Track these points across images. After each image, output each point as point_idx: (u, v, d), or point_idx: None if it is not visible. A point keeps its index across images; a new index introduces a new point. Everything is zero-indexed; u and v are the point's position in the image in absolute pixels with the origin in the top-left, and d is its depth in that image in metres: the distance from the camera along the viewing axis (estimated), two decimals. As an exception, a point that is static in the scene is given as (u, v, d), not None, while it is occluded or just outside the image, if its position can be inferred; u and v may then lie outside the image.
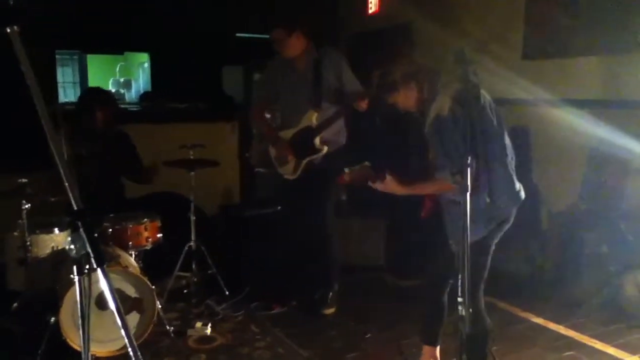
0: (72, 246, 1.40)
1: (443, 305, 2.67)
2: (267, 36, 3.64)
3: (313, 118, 3.57)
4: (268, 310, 3.74)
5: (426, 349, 2.82)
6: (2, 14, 1.41)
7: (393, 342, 3.31)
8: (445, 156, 2.31)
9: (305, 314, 3.73)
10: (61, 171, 1.36)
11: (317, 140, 3.59)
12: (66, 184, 1.37)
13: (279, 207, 4.39)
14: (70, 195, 1.35)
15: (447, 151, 2.30)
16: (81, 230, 1.35)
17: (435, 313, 2.72)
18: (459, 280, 2.04)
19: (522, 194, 2.52)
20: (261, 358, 3.15)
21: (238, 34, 6.19)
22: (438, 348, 2.80)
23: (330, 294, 3.79)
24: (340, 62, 3.62)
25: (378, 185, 2.50)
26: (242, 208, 5.34)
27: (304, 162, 3.62)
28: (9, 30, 1.41)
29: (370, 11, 5.80)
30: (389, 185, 2.47)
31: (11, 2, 1.43)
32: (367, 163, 2.52)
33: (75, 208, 1.37)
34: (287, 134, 3.68)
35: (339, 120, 3.68)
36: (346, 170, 2.53)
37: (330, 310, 3.76)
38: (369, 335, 3.42)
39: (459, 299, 2.05)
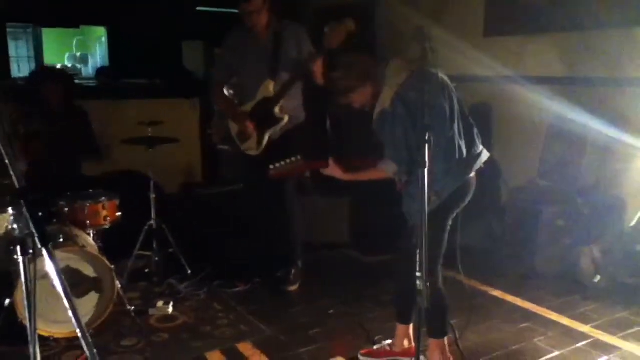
0: (15, 225, 1.35)
1: (411, 282, 2.69)
2: (226, 9, 3.56)
3: (270, 87, 3.53)
4: (231, 288, 3.72)
5: (399, 327, 2.83)
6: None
7: (356, 317, 3.34)
8: (389, 147, 2.47)
9: (269, 292, 3.73)
10: (3, 149, 1.31)
11: (276, 109, 3.55)
12: (6, 161, 1.32)
13: (242, 185, 4.35)
14: (12, 173, 1.30)
15: (391, 142, 2.44)
16: (24, 209, 1.30)
17: (404, 290, 2.72)
18: (417, 255, 2.06)
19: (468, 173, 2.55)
20: (224, 335, 3.15)
21: (198, 8, 6.04)
22: (411, 326, 2.80)
23: (294, 271, 3.79)
24: (300, 33, 3.58)
25: (323, 172, 2.67)
26: (205, 186, 5.29)
27: (267, 135, 3.58)
28: None
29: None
30: (332, 170, 2.65)
31: None
32: (298, 157, 2.65)
33: (17, 186, 1.32)
34: (247, 107, 3.63)
35: (297, 91, 3.64)
36: (271, 166, 2.66)
37: (294, 287, 3.77)
38: (332, 311, 3.44)
39: (417, 274, 2.07)
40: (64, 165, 4.05)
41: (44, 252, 1.35)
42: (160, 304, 3.39)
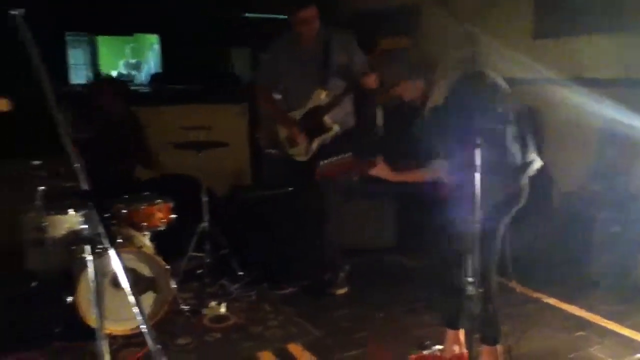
0: (85, 226, 1.42)
1: (460, 287, 2.67)
2: (273, 16, 3.63)
3: (322, 96, 3.57)
4: (279, 290, 3.78)
5: (449, 332, 2.80)
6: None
7: (405, 322, 3.34)
8: (439, 146, 2.41)
9: (316, 295, 3.77)
10: (70, 153, 1.38)
11: (326, 119, 3.59)
12: (75, 166, 1.39)
13: (290, 189, 4.40)
14: (80, 176, 1.37)
15: (442, 141, 2.39)
16: (93, 210, 1.37)
17: (451, 295, 2.68)
18: (469, 261, 2.06)
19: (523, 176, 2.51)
20: (274, 336, 3.20)
21: (246, 15, 6.15)
22: (462, 331, 2.75)
23: (340, 274, 3.81)
24: (350, 41, 3.61)
25: (371, 172, 2.59)
26: (253, 189, 5.37)
27: (315, 143, 3.63)
28: (13, 13, 1.42)
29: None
30: (381, 171, 2.58)
31: None
32: (348, 154, 2.57)
33: (85, 189, 1.39)
34: (297, 114, 3.68)
35: (348, 100, 3.67)
36: (321, 162, 2.59)
37: (341, 291, 3.79)
38: (380, 315, 3.45)
39: (469, 279, 2.07)
40: (118, 169, 4.19)
41: (111, 251, 1.42)
42: (212, 304, 3.47)
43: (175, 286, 3.32)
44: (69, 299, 3.02)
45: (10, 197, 3.61)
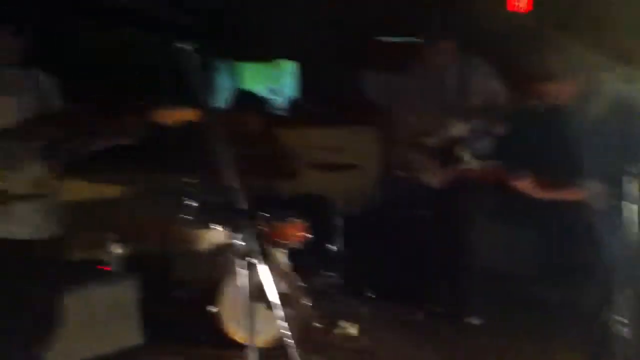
0: (239, 242, 1.49)
1: (608, 325, 2.45)
2: (403, 38, 3.62)
3: (460, 128, 3.50)
4: (412, 315, 3.73)
5: None
6: (177, 30, 1.58)
7: (545, 357, 3.14)
8: (592, 161, 2.15)
9: (450, 322, 3.67)
10: (226, 173, 1.47)
11: (465, 153, 3.50)
12: (233, 186, 1.48)
13: (421, 211, 4.35)
14: (237, 196, 1.45)
15: (595, 155, 2.13)
16: (247, 228, 1.45)
17: (598, 334, 2.47)
18: (618, 297, 1.89)
19: None
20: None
21: (377, 37, 6.23)
22: None
23: (476, 302, 3.69)
24: (484, 67, 3.51)
25: (517, 185, 2.37)
26: (383, 211, 5.37)
27: (448, 168, 3.56)
28: (183, 47, 1.56)
29: (516, 6, 5.33)
30: (529, 186, 2.34)
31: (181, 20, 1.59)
32: (498, 162, 2.42)
33: (242, 208, 1.47)
34: (428, 140, 3.63)
35: (484, 129, 3.57)
36: (466, 162, 2.42)
37: (477, 320, 3.66)
38: (517, 348, 3.27)
39: (620, 319, 1.89)
40: (260, 187, 4.41)
41: (261, 265, 1.47)
42: (344, 324, 3.51)
43: (309, 304, 3.40)
44: (213, 310, 3.21)
45: (164, 209, 3.93)
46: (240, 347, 3.14)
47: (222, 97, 8.04)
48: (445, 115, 3.54)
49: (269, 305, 3.19)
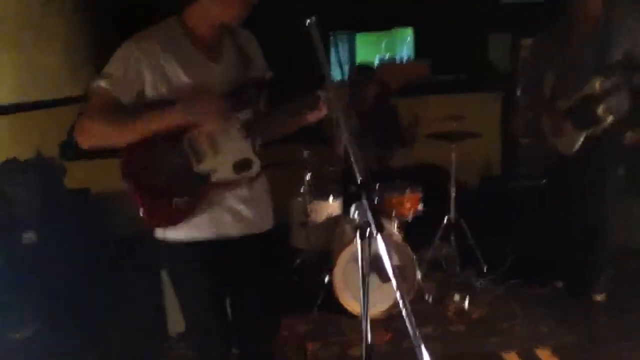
0: (356, 214, 1.51)
1: None
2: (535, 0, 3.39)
3: (596, 85, 3.23)
4: (529, 289, 3.60)
5: None
6: (303, 6, 1.62)
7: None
8: None
9: (572, 297, 3.50)
10: (349, 146, 1.50)
11: (600, 109, 3.25)
12: (353, 158, 1.50)
13: (544, 181, 4.13)
14: (356, 168, 1.48)
15: None
16: (364, 200, 1.47)
17: None
18: None
19: None
20: (520, 336, 3.09)
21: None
22: None
23: (602, 278, 3.47)
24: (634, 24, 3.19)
25: None
26: (504, 180, 5.17)
27: (583, 134, 3.32)
28: (310, 21, 1.60)
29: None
30: None
31: None
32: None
33: (360, 180, 1.49)
34: (564, 103, 3.40)
35: (626, 90, 3.26)
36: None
37: (600, 296, 3.46)
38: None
39: None
40: (375, 158, 4.43)
41: (376, 237, 1.48)
42: (456, 297, 3.49)
43: (421, 275, 3.41)
44: (327, 278, 3.34)
45: (284, 182, 4.10)
46: (354, 317, 3.25)
47: (342, 70, 8.10)
48: (581, 74, 3.28)
49: (382, 276, 3.29)
